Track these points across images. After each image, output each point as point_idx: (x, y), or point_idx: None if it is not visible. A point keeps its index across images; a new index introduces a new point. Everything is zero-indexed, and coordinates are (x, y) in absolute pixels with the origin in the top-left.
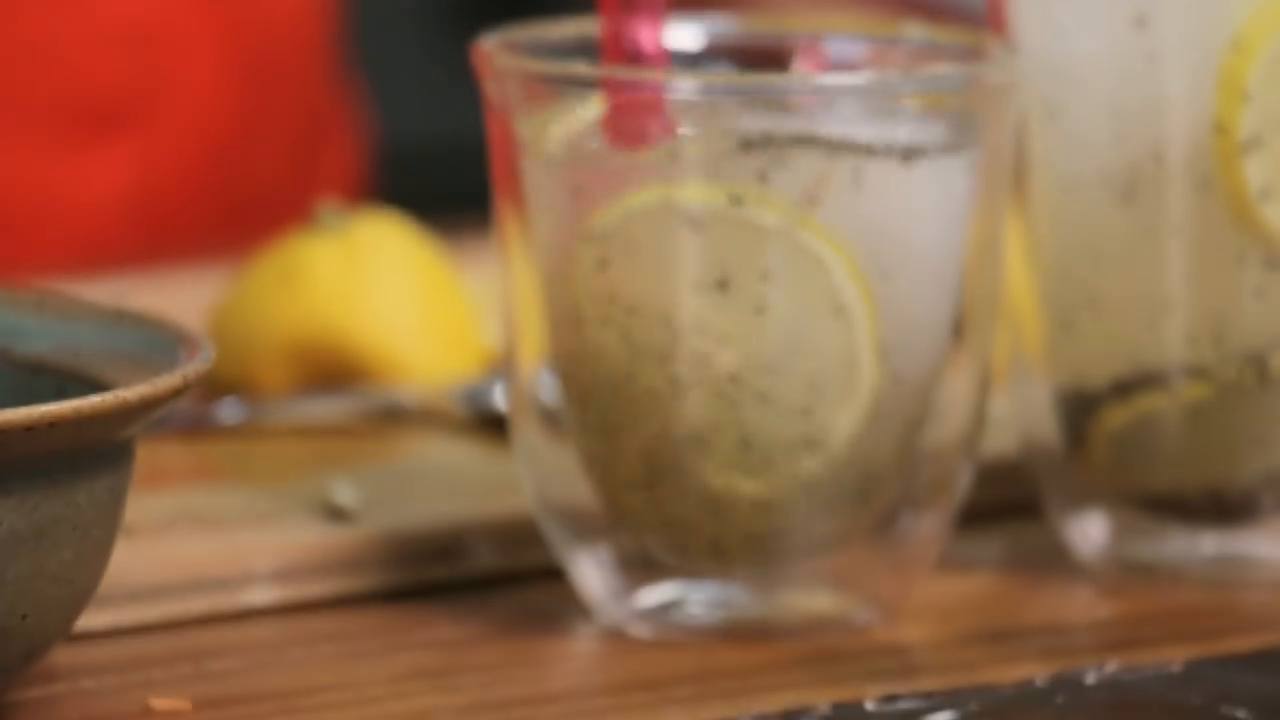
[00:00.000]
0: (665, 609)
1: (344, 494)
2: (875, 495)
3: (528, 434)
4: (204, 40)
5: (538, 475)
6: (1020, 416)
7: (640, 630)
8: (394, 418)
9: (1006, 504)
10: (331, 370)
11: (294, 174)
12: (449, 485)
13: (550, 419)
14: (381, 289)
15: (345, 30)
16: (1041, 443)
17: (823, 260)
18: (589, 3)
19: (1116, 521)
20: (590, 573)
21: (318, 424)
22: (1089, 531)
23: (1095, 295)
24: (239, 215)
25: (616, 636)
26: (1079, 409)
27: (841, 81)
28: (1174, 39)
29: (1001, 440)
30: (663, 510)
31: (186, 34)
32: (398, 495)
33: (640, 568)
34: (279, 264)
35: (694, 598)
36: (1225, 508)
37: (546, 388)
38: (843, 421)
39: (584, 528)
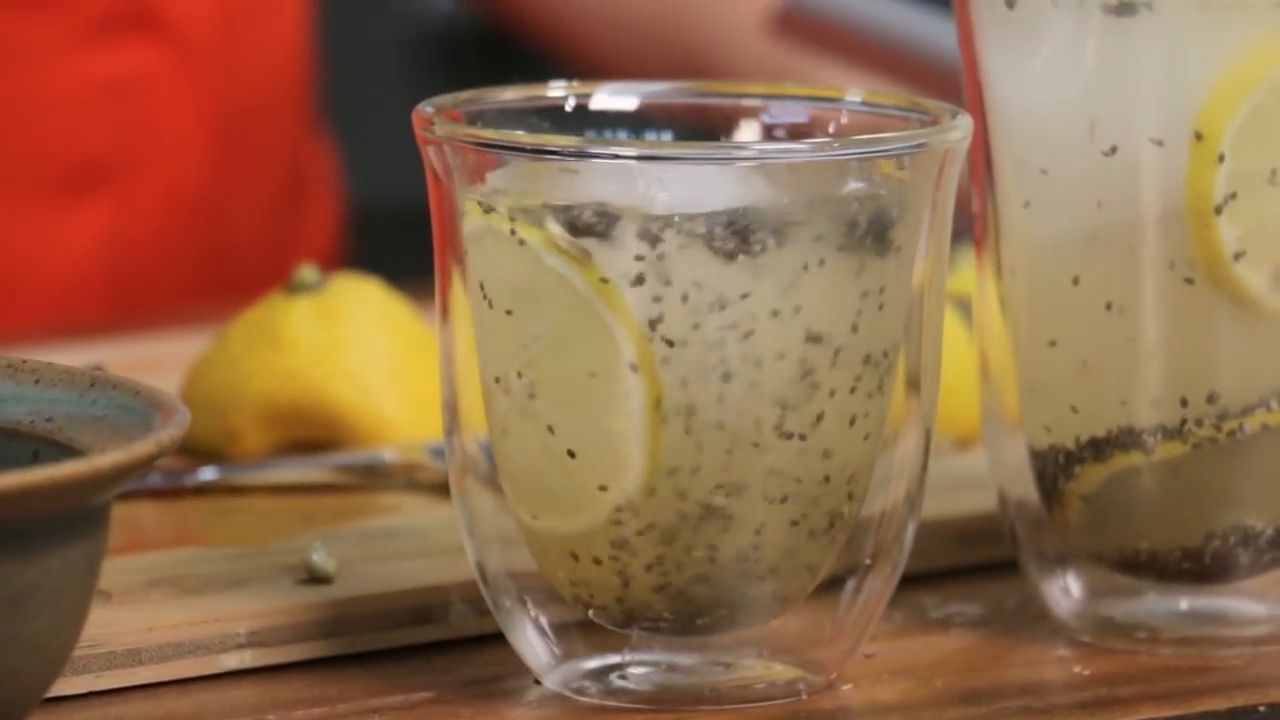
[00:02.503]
0: (607, 674)
1: (321, 556)
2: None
3: (469, 498)
4: (182, 99)
5: (479, 540)
6: (997, 475)
7: (587, 696)
8: (372, 478)
9: (985, 563)
10: (310, 431)
11: (272, 234)
12: (427, 545)
13: (490, 483)
14: (359, 351)
15: (319, 92)
16: (1018, 501)
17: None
18: (568, 67)
19: (1093, 580)
20: (533, 638)
21: (296, 485)
22: (1066, 590)
23: (1069, 356)
24: (216, 275)
25: (579, 700)
26: (1053, 468)
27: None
28: (1138, 125)
29: (980, 499)
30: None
31: (164, 93)
32: (376, 556)
33: (583, 633)
34: (257, 325)
35: (634, 663)
36: (1200, 568)
37: (486, 451)
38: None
39: (527, 593)
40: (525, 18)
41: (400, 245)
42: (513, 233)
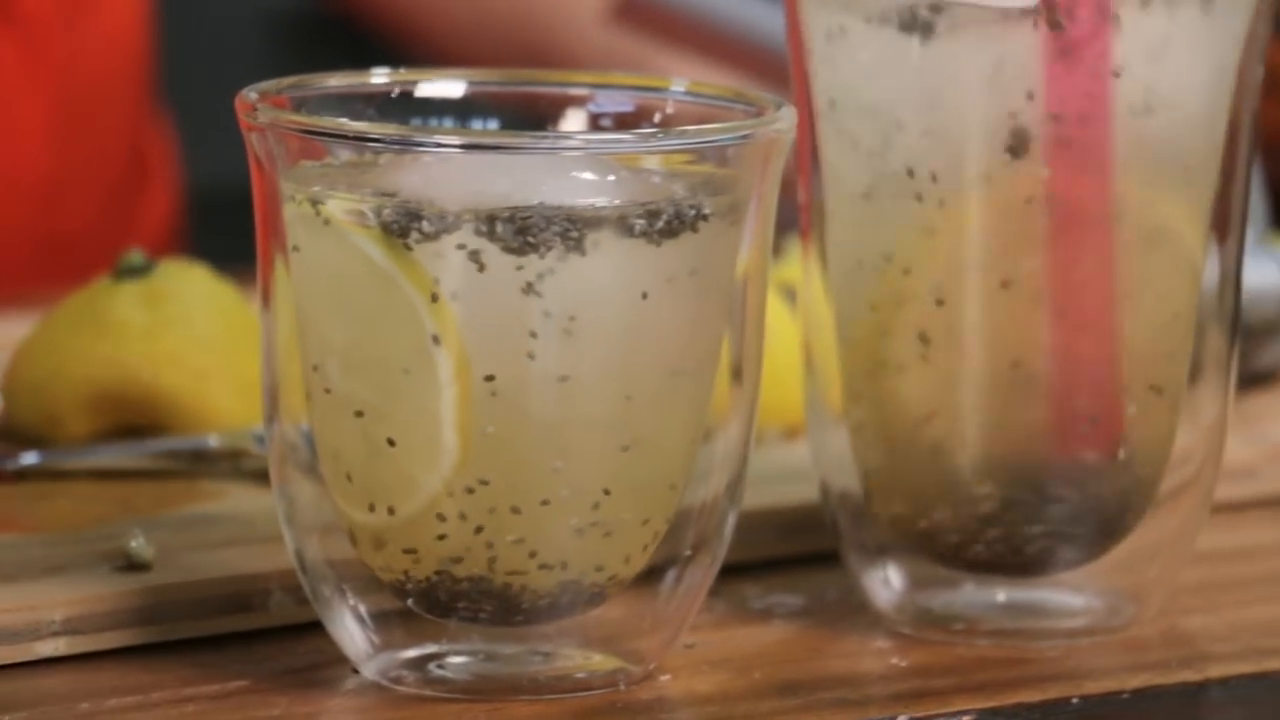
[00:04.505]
0: (426, 663)
1: (139, 543)
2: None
3: (288, 486)
4: (22, 83)
5: (298, 529)
6: (819, 466)
7: (405, 685)
8: (197, 464)
9: (808, 553)
10: (135, 416)
11: (111, 218)
12: (248, 533)
13: (310, 471)
14: (184, 335)
15: (162, 77)
16: (840, 492)
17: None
18: (415, 55)
19: (913, 571)
20: (351, 627)
21: (119, 470)
22: (886, 581)
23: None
24: (55, 259)
25: (397, 689)
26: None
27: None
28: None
29: (804, 489)
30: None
31: (5, 77)
32: (196, 544)
33: (402, 622)
34: (81, 309)
35: (453, 653)
36: (1017, 561)
37: (306, 438)
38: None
39: (346, 582)
40: (367, 6)
41: (246, 230)
42: (317, 214)
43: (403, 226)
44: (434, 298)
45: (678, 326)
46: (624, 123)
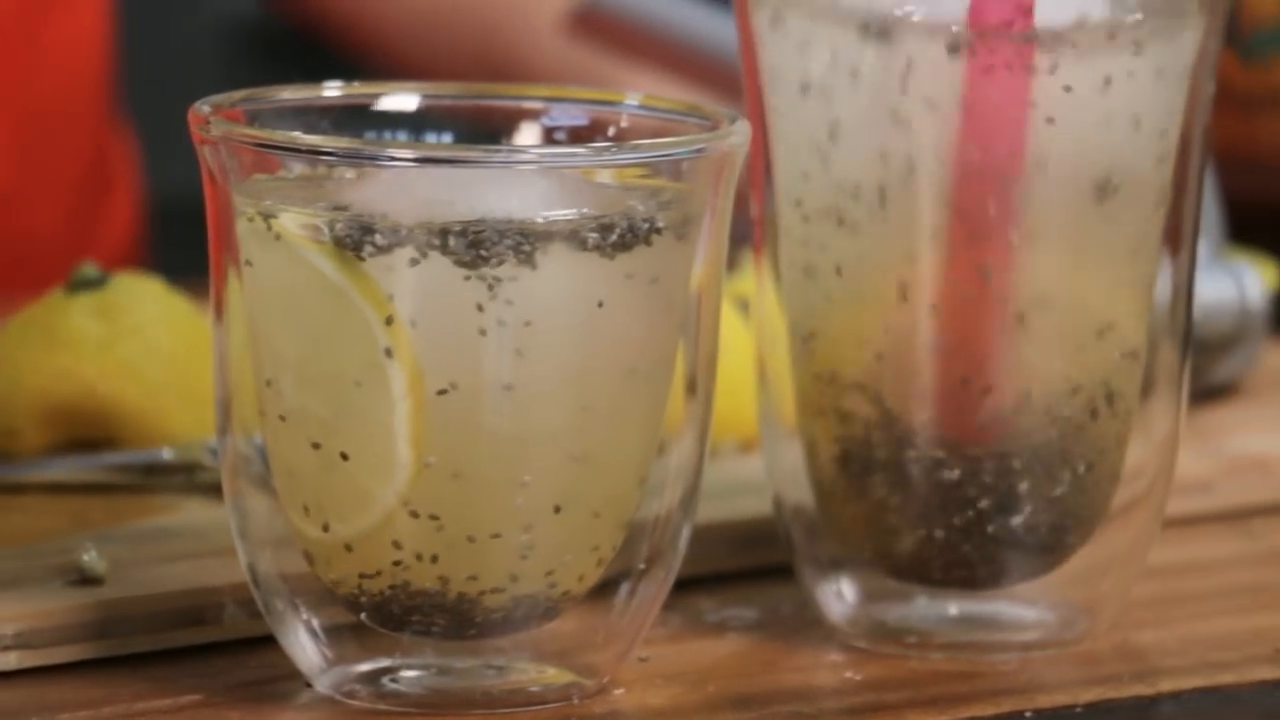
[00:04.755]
0: (379, 678)
1: (92, 557)
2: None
3: (241, 500)
4: None
5: (251, 542)
6: (773, 479)
7: (358, 699)
8: (151, 477)
9: (763, 567)
10: (89, 430)
11: (72, 228)
12: (202, 546)
13: (263, 484)
14: (138, 348)
15: (125, 86)
16: (794, 505)
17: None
18: (378, 68)
19: (867, 585)
20: (304, 641)
21: (72, 484)
22: (840, 595)
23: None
24: (16, 269)
25: (350, 704)
26: (825, 474)
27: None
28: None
29: (759, 503)
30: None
31: None
32: (149, 557)
33: (355, 636)
34: (35, 323)
35: (406, 667)
36: (970, 575)
37: (259, 451)
38: (384, 493)
39: (299, 596)
40: (327, 21)
41: (197, 241)
42: (269, 228)
43: (355, 240)
44: (389, 320)
45: (631, 332)
46: (578, 136)
